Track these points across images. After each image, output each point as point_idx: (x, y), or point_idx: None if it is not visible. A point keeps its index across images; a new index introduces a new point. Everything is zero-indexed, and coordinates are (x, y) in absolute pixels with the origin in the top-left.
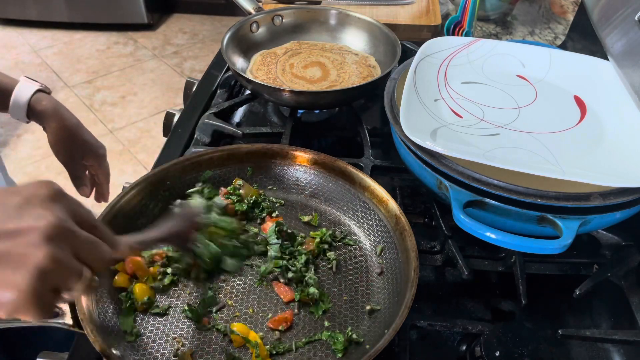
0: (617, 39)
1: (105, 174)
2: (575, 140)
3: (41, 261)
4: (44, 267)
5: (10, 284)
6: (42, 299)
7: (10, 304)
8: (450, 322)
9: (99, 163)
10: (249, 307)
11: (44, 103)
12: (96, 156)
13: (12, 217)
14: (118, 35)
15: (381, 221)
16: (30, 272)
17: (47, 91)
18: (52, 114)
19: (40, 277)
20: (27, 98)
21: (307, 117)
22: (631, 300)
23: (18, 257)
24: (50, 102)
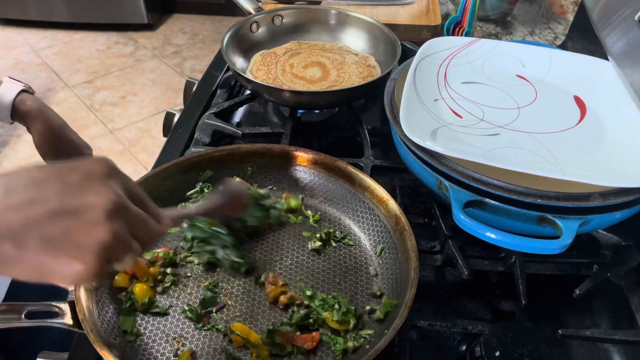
0: (617, 39)
1: None
2: (575, 140)
3: (103, 237)
4: (106, 243)
5: (75, 260)
6: (104, 269)
7: (75, 277)
8: (450, 322)
9: None
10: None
11: (29, 104)
12: (82, 156)
13: (73, 194)
14: (118, 35)
15: (381, 221)
16: (94, 248)
17: (31, 91)
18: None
19: (103, 252)
20: (11, 99)
21: (307, 117)
22: (631, 300)
23: (82, 233)
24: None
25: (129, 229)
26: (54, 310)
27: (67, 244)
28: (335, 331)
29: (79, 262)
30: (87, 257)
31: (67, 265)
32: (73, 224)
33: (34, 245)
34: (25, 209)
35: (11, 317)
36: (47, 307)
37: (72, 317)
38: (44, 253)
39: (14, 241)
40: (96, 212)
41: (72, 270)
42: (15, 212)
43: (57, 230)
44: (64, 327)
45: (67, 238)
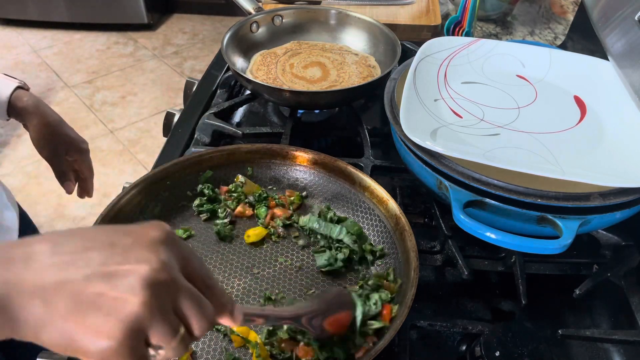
0: (617, 39)
1: (89, 169)
2: (575, 140)
3: (136, 308)
4: (138, 315)
5: (102, 332)
6: (135, 352)
7: (100, 354)
8: (450, 322)
9: (82, 158)
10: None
11: (25, 100)
12: (79, 151)
13: (116, 257)
14: (118, 35)
15: (381, 221)
16: (123, 320)
17: (26, 88)
18: (33, 111)
19: (134, 327)
20: (7, 95)
21: (307, 117)
22: (631, 300)
23: (111, 301)
24: (31, 98)
25: (174, 305)
26: None
27: (96, 310)
28: None
29: (105, 335)
30: (115, 331)
31: (91, 336)
32: (106, 289)
33: (62, 308)
34: (63, 269)
35: None
36: None
37: None
38: (71, 318)
39: (44, 300)
40: (133, 279)
41: (96, 345)
42: (54, 271)
43: (88, 294)
44: None
45: (96, 304)
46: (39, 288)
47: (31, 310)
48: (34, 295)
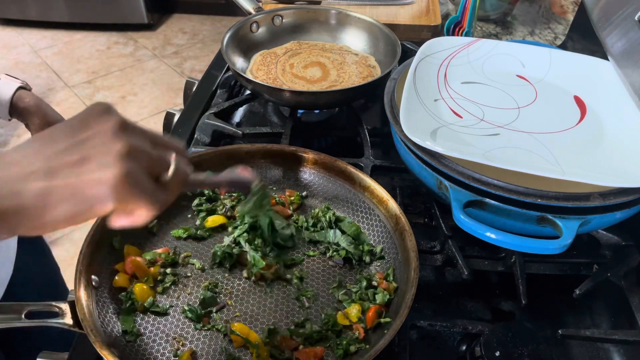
0: (617, 39)
1: None
2: (575, 140)
3: (122, 145)
4: (127, 147)
5: (101, 175)
6: (140, 180)
7: (112, 193)
8: (450, 322)
9: None
10: (249, 307)
11: (27, 100)
12: None
13: (80, 128)
14: (118, 35)
15: (381, 221)
16: (115, 155)
17: (28, 88)
18: (35, 111)
19: (127, 156)
20: (10, 96)
21: (307, 117)
22: (631, 300)
23: (98, 151)
24: (33, 99)
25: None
26: (54, 310)
27: (88, 162)
28: (338, 333)
29: (105, 173)
30: (111, 165)
31: (96, 182)
32: (88, 148)
33: (59, 176)
34: (41, 152)
35: (11, 317)
36: (47, 307)
37: (72, 317)
38: (71, 179)
39: (39, 177)
40: (106, 133)
41: (103, 186)
42: (34, 156)
43: (75, 157)
44: (64, 327)
45: (86, 159)
46: (28, 172)
47: (31, 191)
48: (27, 178)
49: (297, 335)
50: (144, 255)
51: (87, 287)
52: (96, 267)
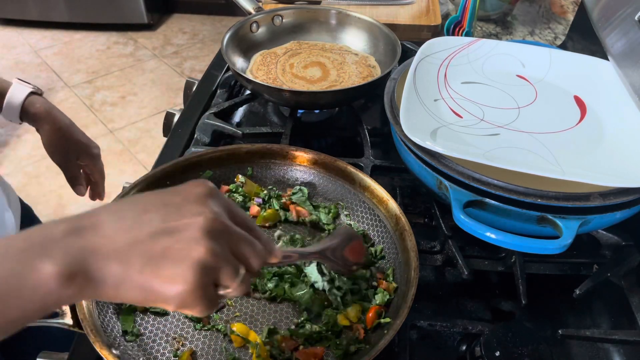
0: (617, 39)
1: (100, 173)
2: (575, 140)
3: (202, 254)
4: (205, 260)
5: (175, 278)
6: (207, 292)
7: (178, 298)
8: (450, 322)
9: (93, 162)
10: (249, 307)
11: (38, 105)
12: (90, 156)
13: (174, 214)
14: (118, 35)
15: (381, 221)
16: (193, 265)
17: (39, 93)
18: (45, 116)
19: (203, 270)
20: (21, 100)
21: (307, 117)
22: (631, 300)
23: (179, 251)
24: (44, 104)
25: (231, 248)
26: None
27: (166, 260)
28: (338, 334)
29: (178, 279)
30: (186, 274)
31: (167, 283)
32: (172, 242)
33: (137, 264)
34: (129, 232)
35: None
36: None
37: (72, 317)
38: (147, 272)
39: (119, 260)
40: (193, 230)
41: (173, 290)
42: (123, 234)
43: (157, 249)
44: (64, 327)
45: (166, 255)
46: (112, 250)
47: (109, 271)
48: (109, 257)
49: (297, 335)
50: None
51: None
52: None
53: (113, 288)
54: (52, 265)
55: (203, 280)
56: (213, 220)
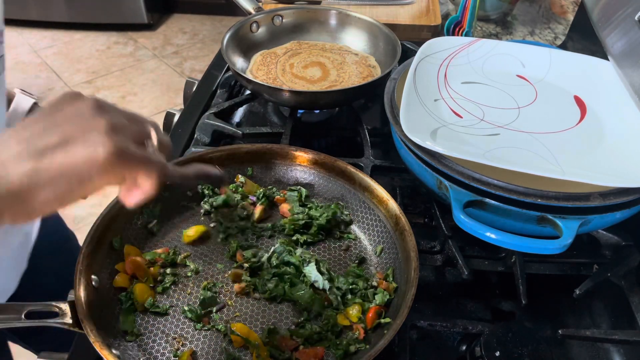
0: (617, 39)
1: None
2: (575, 140)
3: (103, 124)
4: (108, 126)
5: (91, 156)
6: (129, 151)
7: (106, 170)
8: (450, 322)
9: None
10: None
11: None
12: None
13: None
14: (118, 35)
15: (381, 221)
16: (99, 135)
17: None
18: None
19: (110, 134)
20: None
21: (307, 117)
22: (631, 300)
23: (80, 133)
24: None
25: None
26: (54, 310)
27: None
28: (338, 334)
29: (94, 147)
30: (100, 140)
31: (86, 154)
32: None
33: (46, 154)
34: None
35: (11, 317)
36: (47, 307)
37: (72, 317)
38: (58, 156)
39: (28, 157)
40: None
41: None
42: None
43: (58, 136)
44: (64, 327)
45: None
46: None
47: (24, 168)
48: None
49: (297, 335)
50: (144, 255)
51: (87, 287)
52: (96, 267)
53: (29, 191)
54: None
55: (116, 139)
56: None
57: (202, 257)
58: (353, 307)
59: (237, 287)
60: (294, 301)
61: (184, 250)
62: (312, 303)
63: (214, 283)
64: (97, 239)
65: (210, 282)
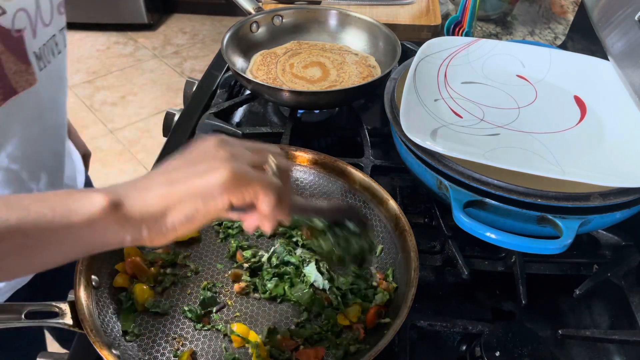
0: (617, 39)
1: None
2: (575, 140)
3: (223, 153)
4: (229, 154)
5: (213, 178)
6: (246, 172)
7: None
8: (450, 322)
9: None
10: (250, 307)
11: None
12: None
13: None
14: (118, 35)
15: (381, 221)
16: (220, 161)
17: None
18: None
19: (230, 160)
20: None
21: (307, 117)
22: (631, 300)
23: (206, 163)
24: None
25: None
26: (54, 310)
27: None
28: (338, 334)
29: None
30: (220, 165)
31: (208, 174)
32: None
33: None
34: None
35: (11, 317)
36: (47, 307)
37: (72, 317)
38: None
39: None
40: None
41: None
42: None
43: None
44: (64, 327)
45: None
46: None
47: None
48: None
49: (297, 335)
50: (144, 255)
51: (87, 287)
52: (96, 267)
53: (161, 210)
54: (99, 195)
55: (235, 165)
56: (221, 139)
57: (202, 257)
58: (353, 307)
59: (237, 287)
60: (294, 301)
61: (184, 250)
62: (312, 303)
63: (213, 283)
64: None
65: (210, 282)
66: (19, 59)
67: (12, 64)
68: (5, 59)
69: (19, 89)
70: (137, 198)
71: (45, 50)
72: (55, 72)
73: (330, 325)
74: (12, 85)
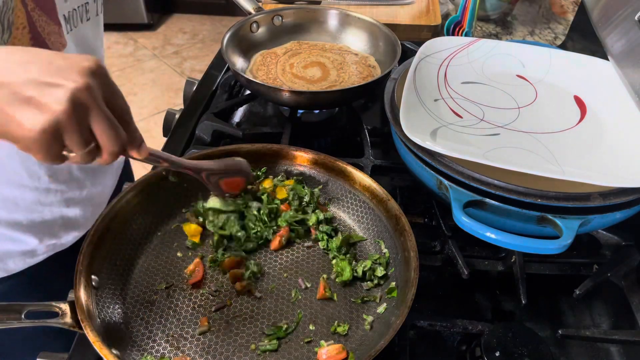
0: (617, 39)
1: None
2: (575, 140)
3: (58, 114)
4: (59, 119)
5: (27, 124)
6: (50, 146)
7: (24, 141)
8: (450, 322)
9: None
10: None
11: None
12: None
13: (52, 72)
14: (118, 35)
15: (381, 221)
16: (46, 118)
17: None
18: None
19: (53, 127)
20: None
21: (307, 117)
22: (631, 300)
23: (40, 104)
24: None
25: (90, 122)
26: (54, 310)
27: (27, 107)
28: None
29: (29, 127)
30: (37, 124)
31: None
32: (37, 94)
33: (2, 101)
34: (6, 75)
35: (11, 317)
36: (47, 307)
37: (72, 317)
38: (5, 109)
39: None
40: (61, 92)
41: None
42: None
43: (22, 95)
44: (64, 327)
45: (29, 102)
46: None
47: None
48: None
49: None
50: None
51: (87, 287)
52: (96, 267)
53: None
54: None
55: (50, 136)
56: (83, 90)
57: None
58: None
59: (237, 286)
60: (293, 301)
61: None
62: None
63: (214, 283)
64: (97, 239)
65: (211, 282)
66: (50, 18)
67: (44, 23)
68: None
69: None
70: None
71: (74, 14)
72: (82, 39)
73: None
74: (49, 46)
